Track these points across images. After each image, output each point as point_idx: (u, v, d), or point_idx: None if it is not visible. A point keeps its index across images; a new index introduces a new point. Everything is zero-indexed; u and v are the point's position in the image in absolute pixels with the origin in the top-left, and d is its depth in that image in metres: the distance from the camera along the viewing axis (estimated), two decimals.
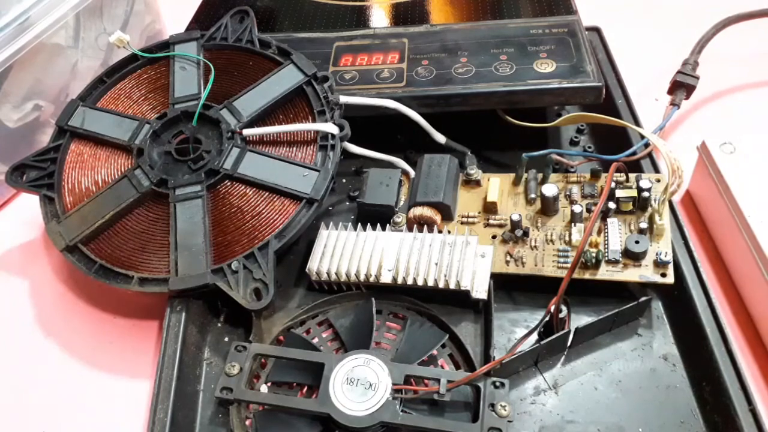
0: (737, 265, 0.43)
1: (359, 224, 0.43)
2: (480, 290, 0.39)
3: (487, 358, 0.37)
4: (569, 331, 0.37)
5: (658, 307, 0.41)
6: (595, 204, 0.42)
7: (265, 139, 0.45)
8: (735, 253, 0.43)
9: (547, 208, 0.42)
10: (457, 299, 0.40)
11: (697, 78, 0.51)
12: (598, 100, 0.46)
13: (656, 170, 0.45)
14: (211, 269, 0.40)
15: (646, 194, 0.40)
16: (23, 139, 0.53)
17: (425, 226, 0.42)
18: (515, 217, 0.41)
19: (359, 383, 0.35)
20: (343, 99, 0.45)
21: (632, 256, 0.39)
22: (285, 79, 0.46)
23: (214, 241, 0.42)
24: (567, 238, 0.41)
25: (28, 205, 0.52)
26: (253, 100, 0.46)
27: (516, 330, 0.40)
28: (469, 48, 0.50)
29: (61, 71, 0.54)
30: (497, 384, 0.34)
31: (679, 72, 0.52)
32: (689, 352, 0.38)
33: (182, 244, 0.42)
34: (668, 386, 0.37)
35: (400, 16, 0.55)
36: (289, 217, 0.42)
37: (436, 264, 0.40)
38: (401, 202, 0.45)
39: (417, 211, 0.43)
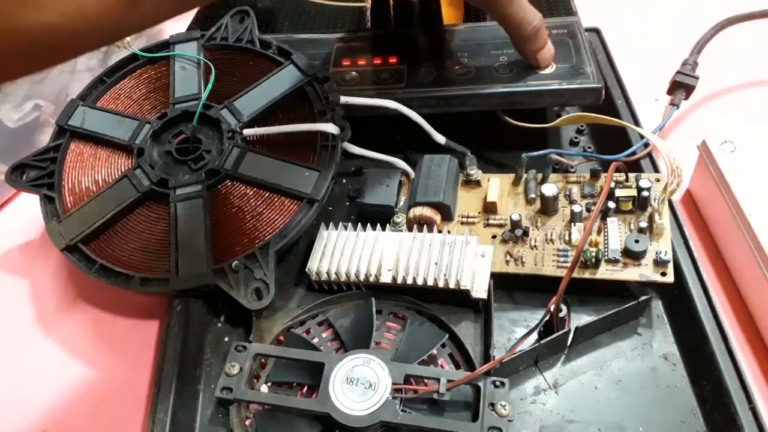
0: (738, 265, 0.43)
1: (359, 224, 0.43)
2: (480, 289, 0.39)
3: (487, 357, 0.37)
4: (569, 331, 0.37)
5: (658, 306, 0.40)
6: (595, 204, 0.41)
7: (265, 139, 0.45)
8: (736, 252, 0.43)
9: (547, 207, 0.42)
10: (457, 299, 0.40)
11: (697, 78, 0.51)
12: (598, 101, 0.46)
13: (656, 170, 0.45)
14: (212, 269, 0.40)
15: (645, 194, 0.40)
16: (23, 138, 0.53)
17: (425, 226, 0.42)
18: (515, 217, 0.41)
19: (359, 383, 0.35)
20: (344, 99, 0.45)
21: (632, 255, 0.38)
22: (285, 79, 0.46)
23: (215, 240, 0.42)
24: (567, 238, 0.41)
25: (28, 204, 0.52)
26: (254, 100, 0.46)
27: (516, 329, 0.40)
28: (469, 49, 0.50)
29: (60, 71, 0.54)
30: (497, 383, 0.34)
31: (678, 72, 0.51)
32: (689, 352, 0.38)
33: (183, 243, 0.42)
34: (668, 385, 0.37)
35: (400, 17, 0.55)
36: (289, 217, 0.42)
37: (436, 263, 0.40)
38: (401, 203, 0.45)
39: (417, 211, 0.43)
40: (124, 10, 0.27)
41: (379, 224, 0.43)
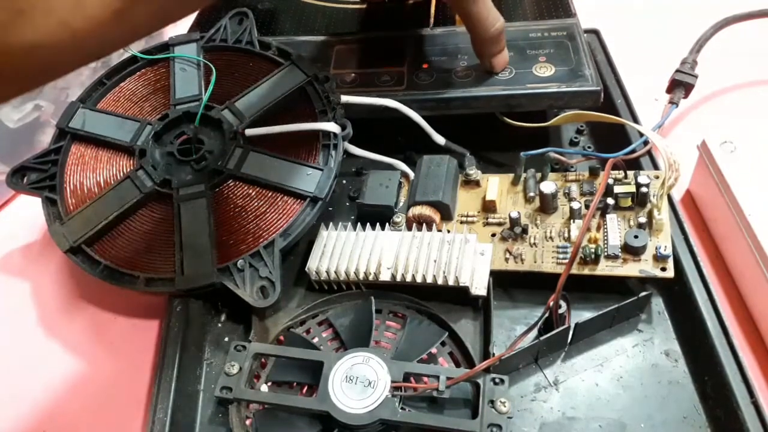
0: (738, 265, 0.42)
1: (359, 224, 0.43)
2: (479, 287, 0.39)
3: (486, 355, 0.37)
4: (569, 327, 0.37)
5: (658, 302, 0.40)
6: None
7: (267, 138, 0.45)
8: (736, 253, 0.42)
9: (546, 205, 0.42)
10: (457, 297, 0.39)
11: (696, 76, 0.51)
12: (597, 103, 0.46)
13: (656, 168, 0.45)
14: (217, 268, 0.40)
15: (644, 190, 0.40)
16: (24, 139, 0.53)
17: (424, 225, 0.42)
18: (514, 215, 0.41)
19: (358, 381, 0.35)
20: (345, 98, 0.46)
21: (632, 251, 0.38)
22: (286, 80, 0.46)
23: (219, 240, 0.42)
24: (566, 235, 0.41)
25: (29, 205, 0.52)
26: (255, 100, 0.46)
27: (516, 327, 0.40)
28: (469, 51, 0.50)
29: None
30: (497, 380, 0.34)
31: (677, 71, 0.52)
32: (691, 348, 0.38)
33: (187, 243, 0.41)
34: (670, 381, 0.37)
35: (400, 19, 0.55)
36: (293, 215, 0.42)
37: (435, 261, 0.40)
38: (400, 204, 0.45)
39: (416, 210, 0.43)
40: (111, 24, 0.27)
41: (378, 224, 0.43)
